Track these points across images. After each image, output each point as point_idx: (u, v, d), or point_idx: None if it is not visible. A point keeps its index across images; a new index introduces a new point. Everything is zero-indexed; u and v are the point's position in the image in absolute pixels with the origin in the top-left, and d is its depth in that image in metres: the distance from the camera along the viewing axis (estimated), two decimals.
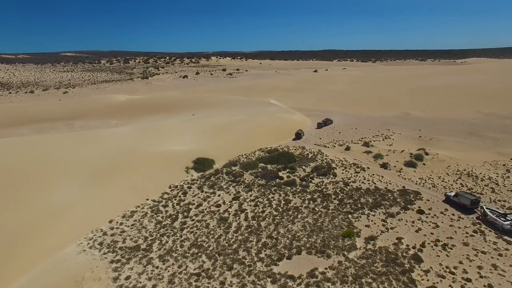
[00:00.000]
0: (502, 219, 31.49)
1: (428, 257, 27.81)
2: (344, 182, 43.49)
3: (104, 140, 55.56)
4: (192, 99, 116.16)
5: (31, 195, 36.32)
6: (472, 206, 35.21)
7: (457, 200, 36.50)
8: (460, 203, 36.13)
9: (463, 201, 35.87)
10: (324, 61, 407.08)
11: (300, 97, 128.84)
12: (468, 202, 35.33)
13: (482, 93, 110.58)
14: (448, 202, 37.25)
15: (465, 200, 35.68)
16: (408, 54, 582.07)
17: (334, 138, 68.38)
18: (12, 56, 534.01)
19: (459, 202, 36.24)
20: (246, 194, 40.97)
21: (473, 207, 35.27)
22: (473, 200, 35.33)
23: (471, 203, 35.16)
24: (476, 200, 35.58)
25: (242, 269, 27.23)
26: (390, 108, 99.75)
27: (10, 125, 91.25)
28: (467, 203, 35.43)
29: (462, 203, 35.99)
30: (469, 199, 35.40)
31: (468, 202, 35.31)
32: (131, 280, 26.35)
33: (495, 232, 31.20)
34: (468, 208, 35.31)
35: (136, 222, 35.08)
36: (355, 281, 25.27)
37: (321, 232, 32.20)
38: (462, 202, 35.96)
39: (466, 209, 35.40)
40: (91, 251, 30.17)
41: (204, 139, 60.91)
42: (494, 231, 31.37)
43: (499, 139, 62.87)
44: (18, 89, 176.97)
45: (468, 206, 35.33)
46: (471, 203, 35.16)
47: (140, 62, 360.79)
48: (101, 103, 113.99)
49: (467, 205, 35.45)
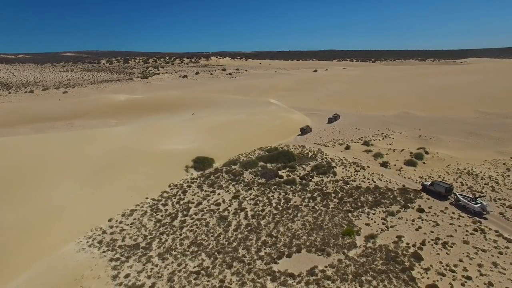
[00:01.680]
0: (473, 203, 34.73)
1: (428, 255, 27.73)
2: (344, 180, 43.41)
3: (103, 139, 55.44)
4: (192, 98, 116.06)
5: (30, 193, 36.24)
6: (446, 194, 38.39)
7: (433, 189, 39.43)
8: (436, 191, 39.11)
9: (438, 189, 38.92)
10: (324, 61, 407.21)
11: (300, 96, 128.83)
12: (443, 189, 38.48)
13: (482, 92, 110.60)
14: (425, 191, 40.09)
15: (440, 188, 38.79)
16: (408, 54, 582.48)
17: (334, 137, 68.35)
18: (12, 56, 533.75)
19: (435, 190, 39.22)
20: (246, 193, 40.88)
21: (447, 194, 38.42)
22: (447, 187, 38.40)
23: (445, 190, 38.33)
24: (449, 188, 38.57)
25: (242, 267, 27.14)
26: (390, 108, 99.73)
27: (10, 124, 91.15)
28: (442, 191, 38.57)
29: (437, 191, 39.00)
30: (444, 187, 38.51)
31: (443, 190, 38.47)
32: (130, 278, 26.27)
33: (468, 215, 34.13)
34: (443, 195, 38.43)
35: (135, 221, 34.98)
36: (355, 279, 25.19)
37: (321, 230, 32.12)
38: (438, 190, 38.97)
39: (441, 196, 38.47)
40: (90, 249, 30.08)
41: (204, 138, 60.83)
42: (466, 214, 34.41)
43: (499, 138, 62.83)
44: (18, 89, 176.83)
45: (443, 194, 38.45)
46: (445, 190, 38.33)
47: (140, 62, 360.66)
48: (101, 102, 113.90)
49: (442, 192, 38.55)
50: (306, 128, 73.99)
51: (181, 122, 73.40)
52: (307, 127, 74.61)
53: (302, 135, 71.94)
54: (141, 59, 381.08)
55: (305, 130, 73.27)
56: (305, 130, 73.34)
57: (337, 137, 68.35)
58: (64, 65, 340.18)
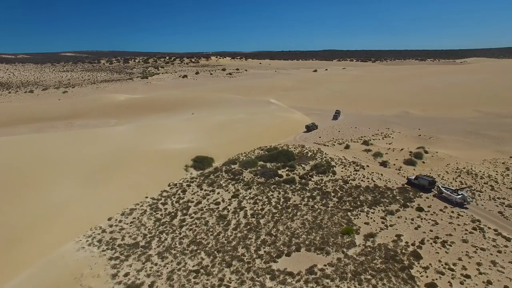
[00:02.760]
0: (455, 194, 36.52)
1: (427, 254, 27.76)
2: (343, 180, 43.44)
3: (103, 139, 55.46)
4: (192, 98, 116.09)
5: (30, 193, 36.24)
6: (429, 186, 39.99)
7: (417, 182, 41.03)
8: (420, 184, 40.70)
9: (422, 182, 40.48)
10: (324, 61, 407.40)
11: (300, 96, 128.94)
12: (426, 183, 39.99)
13: (482, 92, 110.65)
14: (410, 184, 41.80)
15: (423, 182, 40.35)
16: (407, 54, 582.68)
17: (334, 137, 68.40)
18: (12, 56, 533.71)
19: (419, 184, 40.81)
20: (245, 192, 40.91)
21: (431, 187, 40.09)
22: (430, 181, 40.01)
23: (429, 183, 39.87)
24: (433, 181, 40.21)
25: (241, 266, 27.17)
26: (389, 107, 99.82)
27: (10, 124, 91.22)
28: (425, 184, 40.10)
29: (421, 184, 40.57)
30: (427, 180, 40.05)
31: (426, 183, 39.97)
32: (130, 277, 26.29)
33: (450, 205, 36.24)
34: (427, 188, 39.98)
35: (135, 220, 35.01)
36: (354, 277, 25.21)
37: (320, 229, 32.15)
38: (422, 183, 40.54)
39: (425, 189, 40.10)
40: (90, 248, 30.11)
41: (204, 138, 60.84)
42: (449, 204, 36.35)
43: (498, 137, 62.88)
44: (18, 88, 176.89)
45: (427, 187, 39.98)
46: (429, 183, 39.87)
47: (139, 62, 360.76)
48: (101, 102, 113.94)
49: (425, 185, 40.11)
50: (312, 125, 74.50)
51: (181, 122, 73.42)
52: (312, 124, 75.07)
53: (307, 132, 72.41)
54: (141, 59, 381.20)
55: (310, 127, 73.76)
56: (310, 127, 73.89)
57: (337, 137, 68.38)
58: (64, 65, 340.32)
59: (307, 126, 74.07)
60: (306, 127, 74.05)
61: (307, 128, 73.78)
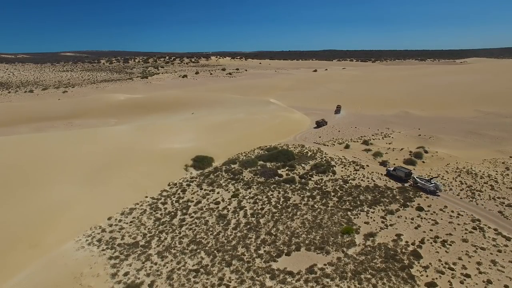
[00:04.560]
0: (428, 184, 39.59)
1: (427, 253, 27.74)
2: (343, 179, 43.43)
3: (103, 138, 55.46)
4: (192, 98, 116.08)
5: (30, 192, 36.24)
6: (406, 177, 42.86)
7: (395, 173, 43.88)
8: (397, 175, 43.60)
9: (399, 173, 43.35)
10: (324, 61, 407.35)
11: (300, 96, 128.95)
12: (403, 174, 42.92)
13: (482, 92, 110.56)
14: (389, 176, 44.60)
15: (400, 173, 43.27)
16: (407, 54, 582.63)
17: (334, 137, 68.38)
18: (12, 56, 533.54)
19: (397, 175, 43.66)
20: (245, 192, 40.89)
21: (407, 178, 42.90)
22: (407, 172, 42.93)
23: (405, 175, 42.77)
24: (409, 173, 43.05)
25: (241, 265, 27.15)
26: (389, 107, 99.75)
27: (10, 124, 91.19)
28: (402, 175, 43.00)
29: (398, 175, 43.45)
30: (404, 171, 43.02)
31: (403, 174, 42.90)
32: (130, 276, 26.27)
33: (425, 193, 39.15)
34: (403, 179, 42.85)
35: (135, 219, 34.99)
36: (354, 277, 25.20)
37: (320, 228, 32.13)
38: (399, 175, 43.41)
39: (402, 180, 42.96)
40: (90, 247, 30.10)
41: (204, 137, 60.84)
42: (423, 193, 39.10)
43: (498, 137, 62.85)
44: (18, 88, 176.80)
45: (403, 178, 42.85)
46: (405, 175, 42.77)
47: (139, 61, 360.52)
48: (101, 102, 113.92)
49: (402, 176, 42.95)
50: (322, 121, 78.40)
51: (180, 121, 73.41)
52: (322, 120, 79.38)
53: (317, 128, 76.45)
54: (141, 59, 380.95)
55: (321, 123, 77.68)
56: (320, 123, 77.77)
57: (337, 136, 68.37)
58: (64, 64, 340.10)
59: (317, 122, 78.42)
60: (317, 122, 78.36)
61: (317, 124, 78.08)
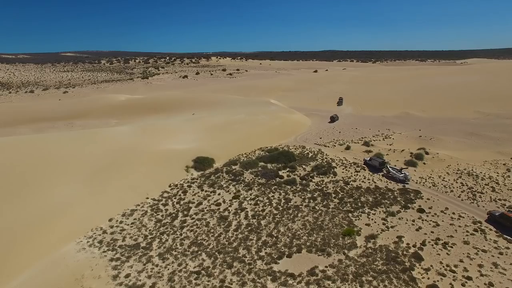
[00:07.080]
0: (399, 173, 43.02)
1: (428, 256, 27.72)
2: (344, 181, 43.41)
3: (104, 139, 55.45)
4: (192, 98, 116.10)
5: (31, 193, 36.23)
6: (380, 167, 46.26)
7: (371, 163, 47.59)
8: (372, 165, 47.24)
9: (374, 163, 47.01)
10: (324, 62, 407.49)
11: (300, 97, 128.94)
12: (377, 163, 46.45)
13: (482, 93, 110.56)
14: (365, 165, 48.38)
15: (375, 162, 46.91)
16: (408, 54, 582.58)
17: (334, 138, 68.38)
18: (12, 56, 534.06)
19: (372, 164, 47.39)
20: (246, 193, 40.88)
21: (381, 167, 46.29)
22: (381, 162, 46.47)
23: (379, 164, 46.32)
24: (383, 162, 46.54)
25: (242, 267, 27.14)
26: (390, 108, 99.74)
27: (10, 124, 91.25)
28: (376, 164, 46.56)
29: (373, 164, 47.13)
30: (378, 161, 46.67)
31: (377, 164, 46.43)
32: (131, 278, 26.26)
33: (395, 181, 43.66)
34: (378, 168, 46.35)
35: (136, 221, 34.99)
36: (356, 279, 25.18)
37: (321, 230, 32.11)
38: (373, 164, 47.08)
39: (376, 169, 46.50)
40: (91, 249, 30.08)
41: (204, 138, 60.84)
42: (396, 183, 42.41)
43: (499, 138, 62.84)
44: (18, 88, 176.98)
45: (378, 167, 46.31)
46: (379, 164, 46.32)
47: (140, 62, 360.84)
48: (101, 102, 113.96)
49: (376, 165, 46.46)
50: (335, 116, 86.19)
51: (181, 122, 73.40)
52: (335, 115, 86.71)
53: (331, 123, 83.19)
54: (142, 59, 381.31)
55: (334, 118, 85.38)
56: (334, 118, 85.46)
57: (337, 138, 68.37)
58: (65, 65, 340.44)
59: (331, 117, 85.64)
60: (331, 117, 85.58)
61: (331, 119, 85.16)
